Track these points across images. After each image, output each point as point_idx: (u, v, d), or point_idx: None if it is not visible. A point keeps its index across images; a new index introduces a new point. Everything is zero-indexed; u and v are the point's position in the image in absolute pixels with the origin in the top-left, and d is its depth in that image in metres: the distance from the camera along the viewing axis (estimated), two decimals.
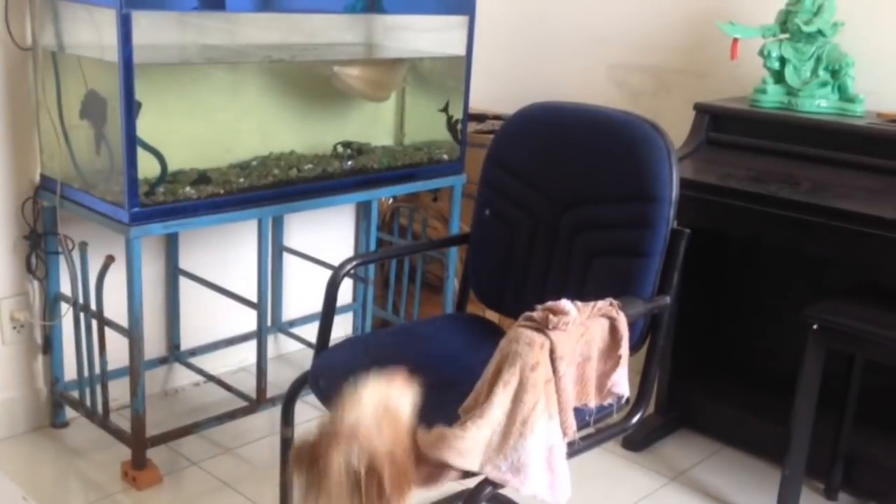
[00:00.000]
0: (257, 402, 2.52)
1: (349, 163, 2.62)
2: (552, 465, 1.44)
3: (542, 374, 1.41)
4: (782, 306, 2.53)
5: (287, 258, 2.97)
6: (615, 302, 1.57)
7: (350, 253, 3.15)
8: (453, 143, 2.82)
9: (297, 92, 2.69)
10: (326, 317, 1.88)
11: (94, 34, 2.19)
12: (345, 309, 3.14)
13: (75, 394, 2.47)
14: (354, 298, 3.18)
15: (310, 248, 2.97)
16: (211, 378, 2.70)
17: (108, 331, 2.31)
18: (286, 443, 1.82)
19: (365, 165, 2.63)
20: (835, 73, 2.46)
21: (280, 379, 2.76)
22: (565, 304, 1.47)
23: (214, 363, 2.85)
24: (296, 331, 3.04)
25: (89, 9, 2.14)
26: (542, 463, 1.43)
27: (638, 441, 2.58)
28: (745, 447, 2.59)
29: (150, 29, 2.22)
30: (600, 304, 1.56)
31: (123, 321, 2.21)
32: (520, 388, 1.40)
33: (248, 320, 2.81)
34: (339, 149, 2.71)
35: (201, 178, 2.31)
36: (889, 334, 1.97)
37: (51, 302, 2.43)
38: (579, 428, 1.53)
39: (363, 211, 3.08)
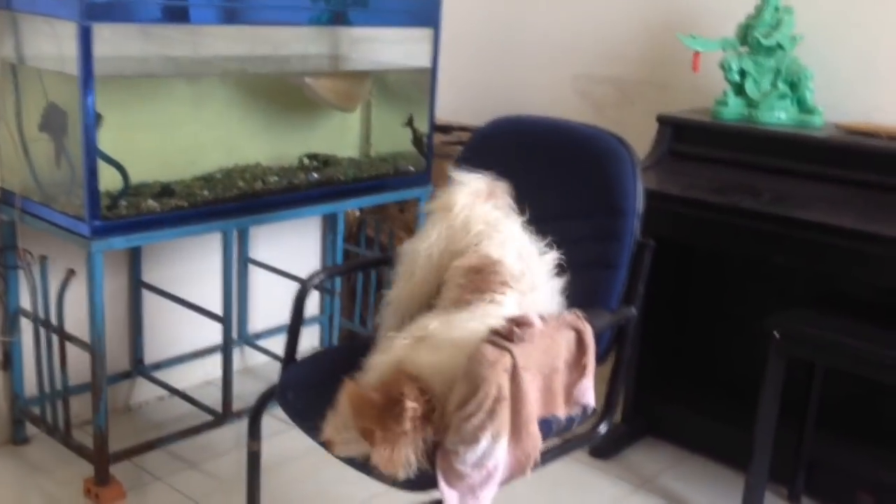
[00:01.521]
0: (223, 415, 2.49)
1: (315, 175, 2.61)
2: (476, 487, 1.44)
3: (493, 392, 1.41)
4: (745, 315, 2.56)
5: (253, 270, 2.95)
6: (581, 313, 1.59)
7: (316, 265, 3.14)
8: (419, 155, 2.82)
9: (263, 104, 2.67)
10: (294, 330, 1.87)
11: (54, 46, 2.16)
12: (312, 321, 3.13)
13: (36, 410, 2.43)
14: (322, 310, 3.16)
15: (276, 260, 2.95)
16: (175, 392, 2.67)
17: (69, 346, 2.27)
18: (253, 456, 1.81)
19: (331, 177, 2.63)
20: (794, 86, 2.51)
21: (246, 392, 2.73)
22: (530, 315, 1.47)
23: (179, 377, 2.81)
24: (262, 343, 3.01)
25: (50, 21, 2.11)
26: (470, 478, 1.43)
27: (605, 449, 2.59)
28: (709, 454, 2.62)
29: (112, 41, 2.19)
30: (567, 315, 1.57)
31: (85, 336, 2.18)
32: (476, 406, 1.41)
33: (213, 333, 2.78)
34: (305, 161, 2.70)
35: (164, 190, 2.29)
36: (847, 342, 2.01)
37: (10, 317, 2.38)
38: (547, 438, 1.54)
39: (329, 223, 3.07)
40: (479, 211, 1.72)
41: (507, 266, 1.63)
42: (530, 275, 1.65)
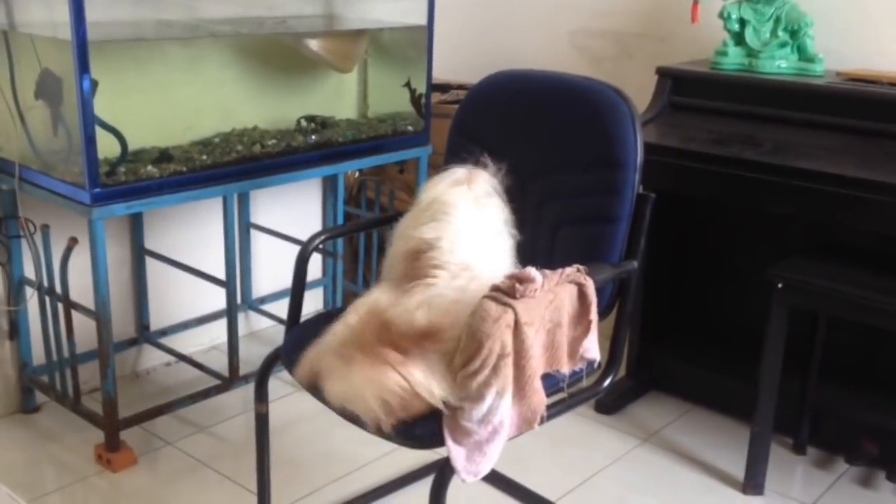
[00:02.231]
0: (230, 380, 2.51)
1: (313, 137, 2.60)
2: (483, 444, 1.45)
3: (497, 349, 1.41)
4: (747, 267, 2.56)
5: (255, 235, 2.95)
6: (583, 268, 1.58)
7: (317, 228, 3.14)
8: (418, 115, 2.81)
9: (259, 67, 2.65)
10: (297, 292, 1.88)
11: (46, 12, 2.14)
12: (315, 284, 3.14)
13: (45, 378, 2.45)
14: (324, 273, 3.17)
15: (277, 224, 2.95)
16: (182, 357, 2.69)
17: (75, 314, 2.28)
18: (261, 418, 1.82)
19: (329, 139, 2.62)
20: (794, 34, 2.48)
21: (252, 356, 2.75)
22: (531, 271, 1.47)
23: (185, 342, 2.83)
24: (266, 307, 3.03)
25: None
26: (476, 434, 1.44)
27: (609, 404, 2.61)
28: (714, 406, 2.64)
29: (105, 5, 2.17)
30: (568, 270, 1.57)
31: (90, 303, 2.19)
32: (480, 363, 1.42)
33: (217, 299, 2.79)
34: (303, 123, 2.68)
35: (163, 156, 2.28)
36: (850, 291, 2.01)
37: (15, 287, 2.39)
38: (551, 393, 1.55)
39: (329, 185, 3.06)
40: (444, 197, 1.70)
41: (442, 247, 1.63)
42: (464, 254, 1.64)
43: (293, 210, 3.05)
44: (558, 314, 1.53)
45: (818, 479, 2.33)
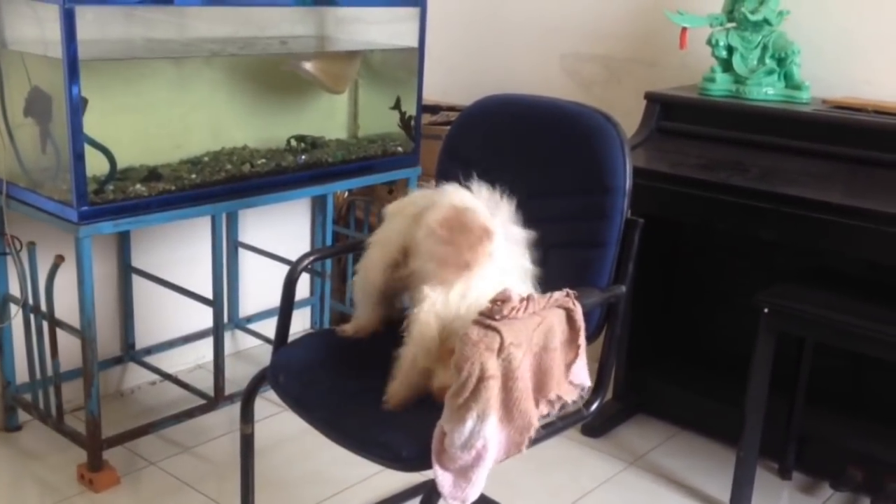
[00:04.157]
0: (215, 399, 2.50)
1: (303, 157, 2.60)
2: (468, 469, 1.44)
3: (476, 372, 1.41)
4: (735, 291, 2.57)
5: (242, 254, 2.95)
6: (571, 292, 1.59)
7: (306, 247, 3.13)
8: (407, 137, 2.82)
9: (249, 86, 2.66)
10: (285, 312, 1.87)
11: (37, 30, 2.14)
12: (303, 304, 3.13)
13: (28, 397, 2.42)
14: (312, 293, 3.16)
15: (265, 243, 2.95)
16: (167, 377, 2.67)
17: (60, 332, 2.27)
18: (246, 439, 1.81)
19: (319, 159, 2.62)
20: (781, 61, 2.51)
21: (238, 376, 2.73)
22: (506, 290, 1.47)
23: (171, 361, 2.81)
24: (253, 327, 3.01)
25: (32, 4, 2.09)
26: (460, 460, 1.43)
27: (596, 427, 2.61)
28: (700, 430, 2.64)
29: (96, 24, 2.17)
30: (556, 294, 1.57)
31: (76, 321, 2.17)
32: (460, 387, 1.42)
33: (204, 317, 2.78)
34: (293, 143, 2.69)
35: (152, 174, 2.28)
36: (836, 317, 2.02)
37: (0, 304, 2.38)
38: (539, 416, 1.55)
39: (318, 205, 3.06)
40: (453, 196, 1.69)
41: (479, 212, 1.61)
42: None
43: (281, 229, 3.04)
44: (546, 338, 1.52)
45: None
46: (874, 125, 2.24)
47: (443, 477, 1.43)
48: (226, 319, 2.93)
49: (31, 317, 2.32)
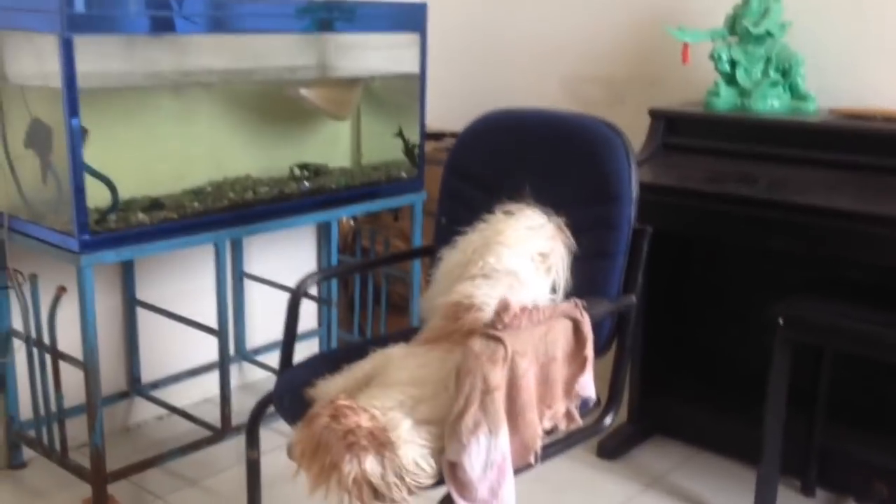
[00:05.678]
0: (222, 431, 2.45)
1: (306, 184, 2.58)
2: (496, 489, 1.40)
3: (479, 384, 1.37)
4: (748, 305, 2.53)
5: (248, 284, 2.92)
6: (579, 302, 1.55)
7: None
8: (411, 165, 2.80)
9: (251, 115, 2.65)
10: (289, 334, 1.84)
11: (37, 63, 2.14)
12: (310, 334, 3.09)
13: (32, 433, 2.38)
14: (319, 323, 3.12)
15: (271, 273, 2.92)
16: (174, 410, 2.63)
17: (64, 366, 2.23)
18: (252, 465, 1.77)
19: (323, 185, 2.60)
20: (785, 73, 2.49)
21: (245, 408, 2.66)
22: (505, 299, 1.44)
23: (177, 395, 2.77)
24: (260, 358, 2.98)
25: (30, 36, 2.09)
26: (485, 481, 1.39)
27: (612, 449, 2.55)
28: (719, 450, 2.57)
29: (97, 55, 2.17)
30: (563, 304, 1.54)
31: (80, 355, 2.14)
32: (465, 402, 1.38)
33: (210, 349, 2.74)
34: (296, 170, 2.67)
35: (154, 204, 2.26)
36: (855, 325, 1.98)
37: (2, 338, 2.35)
38: (549, 432, 1.50)
39: (324, 233, 3.04)
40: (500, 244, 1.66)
41: (485, 312, 1.55)
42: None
43: (287, 259, 3.02)
44: (552, 348, 1.49)
45: None
46: (883, 133, 2.22)
47: None
48: (232, 351, 2.90)
49: (35, 351, 2.29)
